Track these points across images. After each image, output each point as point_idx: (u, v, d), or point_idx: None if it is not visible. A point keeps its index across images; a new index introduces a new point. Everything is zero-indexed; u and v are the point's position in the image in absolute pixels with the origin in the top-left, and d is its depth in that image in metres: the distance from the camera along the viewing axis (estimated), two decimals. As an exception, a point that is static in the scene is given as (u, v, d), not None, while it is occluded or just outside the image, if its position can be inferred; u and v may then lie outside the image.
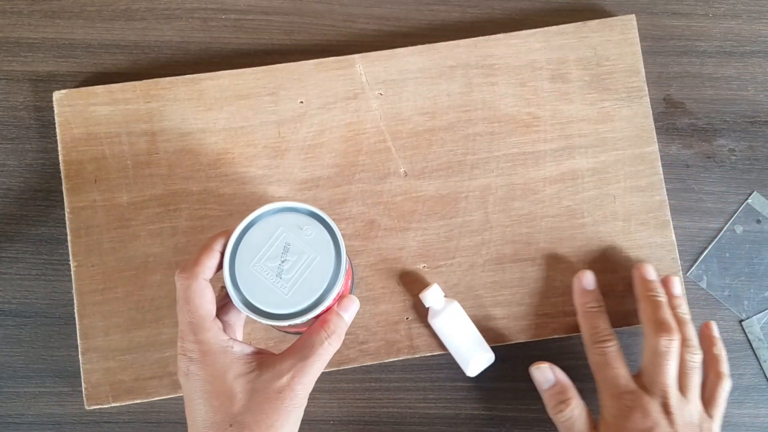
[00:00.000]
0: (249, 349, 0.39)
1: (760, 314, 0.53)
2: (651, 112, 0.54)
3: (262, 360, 0.39)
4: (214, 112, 0.53)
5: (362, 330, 0.51)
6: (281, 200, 0.40)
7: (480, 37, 0.54)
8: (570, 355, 0.53)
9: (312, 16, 0.56)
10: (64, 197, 0.52)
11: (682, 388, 0.45)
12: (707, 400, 0.46)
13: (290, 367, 0.38)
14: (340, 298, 0.41)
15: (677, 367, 0.46)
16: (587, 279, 0.50)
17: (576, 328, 0.52)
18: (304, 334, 0.40)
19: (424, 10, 0.56)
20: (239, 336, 0.42)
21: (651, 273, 0.50)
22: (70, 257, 0.51)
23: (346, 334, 0.50)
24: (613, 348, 0.47)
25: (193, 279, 0.38)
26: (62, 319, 0.52)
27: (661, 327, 0.46)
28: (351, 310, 0.42)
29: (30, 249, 0.53)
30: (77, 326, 0.51)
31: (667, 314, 0.47)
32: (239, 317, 0.42)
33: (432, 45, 0.54)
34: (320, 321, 0.40)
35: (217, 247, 0.39)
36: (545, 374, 0.48)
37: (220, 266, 0.39)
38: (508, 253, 0.52)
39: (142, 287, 0.51)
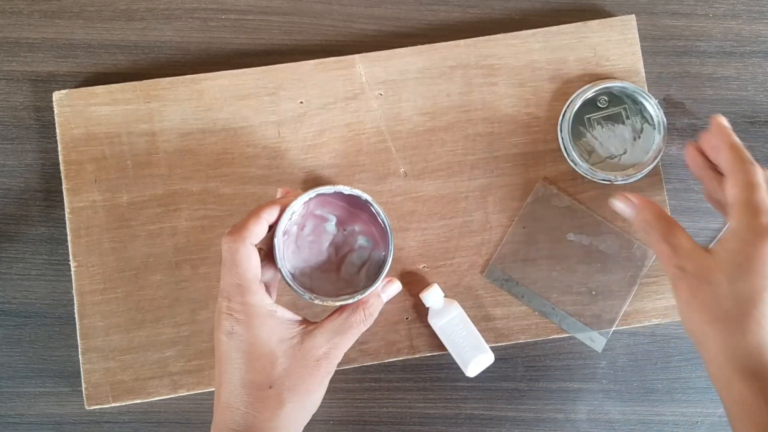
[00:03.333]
0: (291, 315, 0.41)
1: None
2: (651, 112, 0.54)
3: (304, 328, 0.41)
4: (214, 112, 0.53)
5: (362, 330, 0.51)
6: (333, 185, 0.43)
7: (480, 37, 0.54)
8: (570, 355, 0.53)
9: (312, 16, 0.56)
10: (64, 197, 0.52)
11: None
12: None
13: (329, 339, 0.41)
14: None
15: None
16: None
17: (576, 328, 0.52)
18: (344, 310, 0.43)
19: (424, 10, 0.56)
20: (274, 298, 0.44)
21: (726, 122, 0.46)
22: (70, 257, 0.51)
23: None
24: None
25: (241, 242, 0.39)
26: (62, 319, 0.52)
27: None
28: (391, 292, 0.47)
29: (30, 249, 0.53)
30: (77, 326, 0.51)
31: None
32: (275, 280, 0.44)
33: (432, 45, 0.54)
34: (362, 301, 0.43)
35: (266, 216, 0.41)
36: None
37: (264, 234, 0.41)
38: (508, 253, 0.52)
39: (142, 287, 0.51)
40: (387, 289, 0.46)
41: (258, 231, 0.40)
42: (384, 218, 0.44)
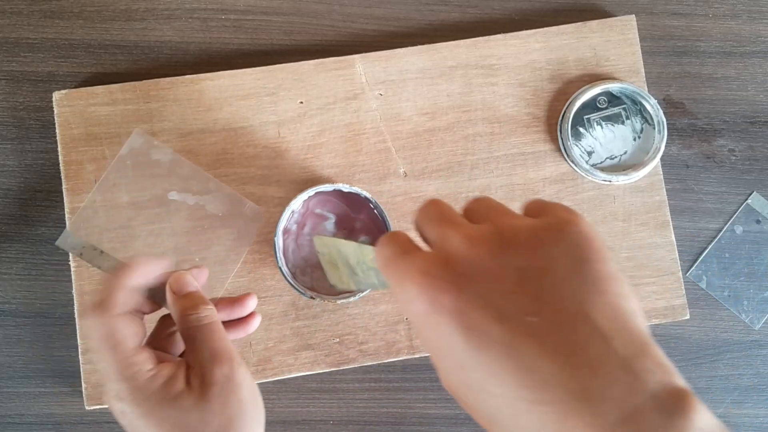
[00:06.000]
0: (165, 372, 0.35)
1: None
2: (651, 112, 0.54)
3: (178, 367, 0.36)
4: (214, 112, 0.53)
5: (362, 330, 0.51)
6: (334, 183, 0.42)
7: (480, 38, 0.54)
8: (570, 355, 0.53)
9: (312, 16, 0.56)
10: (64, 197, 0.52)
11: None
12: None
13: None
14: None
15: None
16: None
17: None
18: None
19: (424, 10, 0.56)
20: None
21: None
22: (70, 257, 0.51)
23: (347, 334, 0.50)
24: None
25: (108, 316, 0.35)
26: (62, 319, 0.52)
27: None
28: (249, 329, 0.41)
29: (30, 249, 0.53)
30: (77, 326, 0.51)
31: None
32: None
33: (432, 45, 0.54)
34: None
35: (133, 279, 0.36)
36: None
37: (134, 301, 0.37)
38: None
39: (142, 287, 0.51)
40: (249, 323, 0.41)
41: (124, 300, 0.36)
42: (384, 215, 0.44)
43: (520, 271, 0.23)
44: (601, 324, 0.22)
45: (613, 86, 0.52)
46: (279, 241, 0.42)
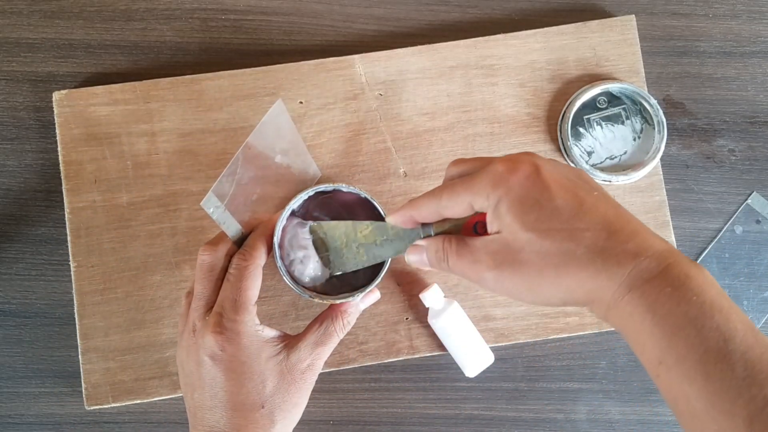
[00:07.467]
0: (274, 333, 0.41)
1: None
2: (651, 112, 0.54)
3: (286, 343, 0.41)
4: (214, 112, 0.53)
5: (362, 330, 0.51)
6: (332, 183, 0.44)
7: (480, 38, 0.54)
8: (570, 355, 0.53)
9: (312, 17, 0.56)
10: (64, 197, 0.52)
11: None
12: None
13: (311, 350, 0.41)
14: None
15: None
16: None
17: (576, 328, 0.52)
18: (323, 318, 0.42)
19: (424, 10, 0.56)
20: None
21: None
22: (70, 257, 0.51)
23: (347, 334, 0.50)
24: None
25: (252, 262, 0.40)
26: (62, 319, 0.52)
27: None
28: (370, 301, 0.45)
29: (30, 249, 0.53)
30: (77, 326, 0.51)
31: None
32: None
33: (432, 45, 0.54)
34: (340, 310, 0.43)
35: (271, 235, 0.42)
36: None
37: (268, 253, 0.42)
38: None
39: (142, 287, 0.51)
40: (366, 299, 0.45)
41: (265, 252, 0.41)
42: (383, 215, 0.44)
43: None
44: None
45: (613, 86, 0.52)
46: (278, 241, 0.42)
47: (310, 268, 0.44)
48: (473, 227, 0.37)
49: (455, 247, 0.35)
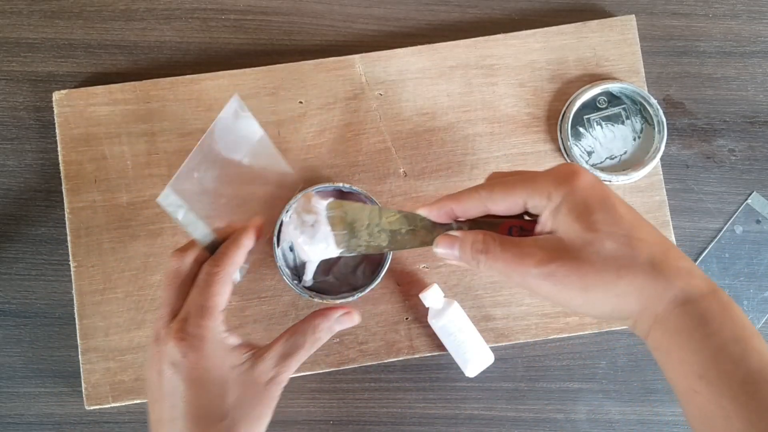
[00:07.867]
0: (239, 341, 0.39)
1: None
2: (651, 112, 0.54)
3: (254, 353, 0.39)
4: (214, 112, 0.53)
5: (362, 330, 0.51)
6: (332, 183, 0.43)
7: (480, 38, 0.54)
8: (570, 355, 0.53)
9: (312, 17, 0.56)
10: (64, 197, 0.52)
11: None
12: None
13: (276, 362, 0.39)
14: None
15: None
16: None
17: (576, 328, 0.52)
18: (294, 331, 0.40)
19: (424, 10, 0.56)
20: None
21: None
22: (70, 257, 0.51)
23: (347, 334, 0.50)
24: None
25: (223, 269, 0.38)
26: (62, 319, 0.52)
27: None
28: (346, 324, 0.42)
29: (30, 249, 0.53)
30: (77, 326, 0.51)
31: None
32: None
33: (432, 45, 0.54)
34: (313, 324, 0.40)
35: (247, 243, 0.39)
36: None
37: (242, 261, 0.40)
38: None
39: (142, 287, 0.51)
40: (343, 321, 0.42)
41: (239, 260, 0.39)
42: None
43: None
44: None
45: (613, 86, 0.52)
46: (277, 241, 0.42)
47: (321, 233, 0.42)
48: (508, 231, 0.36)
49: (499, 240, 0.34)
